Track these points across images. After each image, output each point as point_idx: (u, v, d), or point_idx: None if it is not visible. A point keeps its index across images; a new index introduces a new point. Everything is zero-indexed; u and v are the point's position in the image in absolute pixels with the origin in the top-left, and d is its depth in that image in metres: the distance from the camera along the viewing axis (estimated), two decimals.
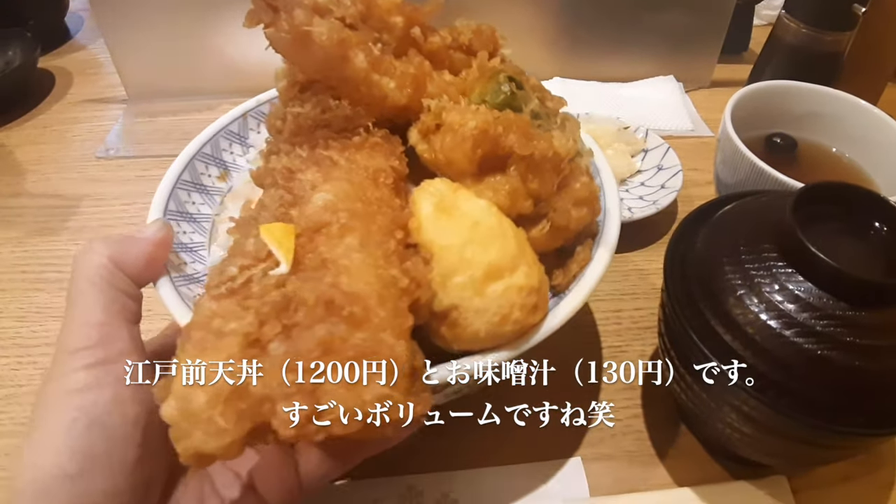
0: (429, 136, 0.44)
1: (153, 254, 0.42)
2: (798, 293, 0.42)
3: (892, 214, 0.44)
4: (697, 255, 0.48)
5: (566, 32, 0.91)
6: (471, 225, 0.38)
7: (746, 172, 0.61)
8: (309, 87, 0.45)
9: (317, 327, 0.31)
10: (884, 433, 0.41)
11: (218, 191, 0.53)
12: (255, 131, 0.57)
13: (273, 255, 0.34)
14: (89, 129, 0.93)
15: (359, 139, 0.44)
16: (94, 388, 0.34)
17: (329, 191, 0.38)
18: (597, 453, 0.54)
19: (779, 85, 0.69)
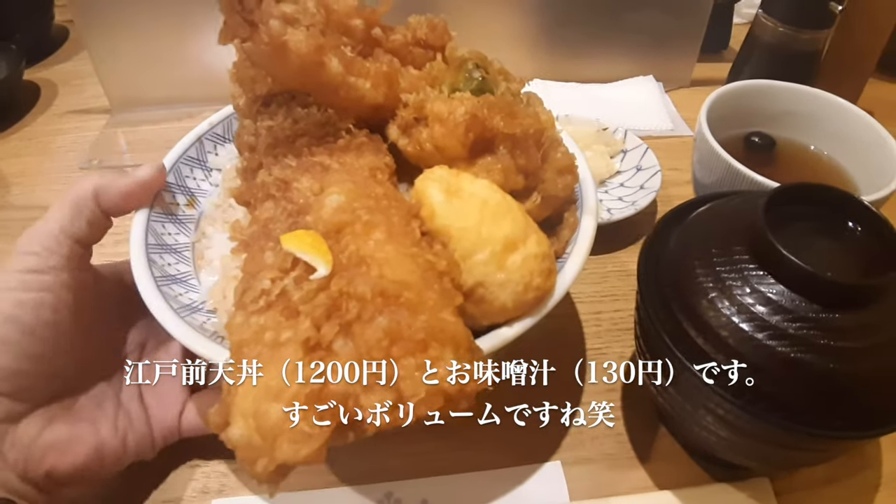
0: (409, 131, 0.45)
1: (131, 190, 0.46)
2: (770, 296, 0.41)
3: (866, 215, 0.43)
4: (670, 257, 0.47)
5: (545, 33, 0.90)
6: (480, 205, 0.39)
7: (722, 173, 0.59)
8: (272, 99, 0.45)
9: (379, 318, 0.31)
10: (861, 436, 0.40)
11: (189, 218, 0.52)
12: (213, 153, 0.55)
13: (300, 262, 0.35)
14: (73, 140, 0.92)
15: (343, 141, 0.44)
16: (20, 290, 0.41)
17: (338, 192, 0.39)
18: (576, 456, 0.53)
19: (756, 84, 0.68)
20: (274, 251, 0.36)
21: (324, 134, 0.45)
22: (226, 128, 0.56)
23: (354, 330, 0.32)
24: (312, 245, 0.35)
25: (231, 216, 0.49)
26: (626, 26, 0.89)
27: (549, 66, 0.92)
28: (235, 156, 0.52)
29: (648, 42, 0.91)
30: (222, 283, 0.45)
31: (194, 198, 0.52)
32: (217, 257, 0.48)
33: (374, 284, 0.33)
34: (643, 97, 0.89)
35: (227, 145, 0.56)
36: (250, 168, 0.45)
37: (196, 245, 0.50)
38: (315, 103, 0.45)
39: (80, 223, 0.44)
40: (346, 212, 0.37)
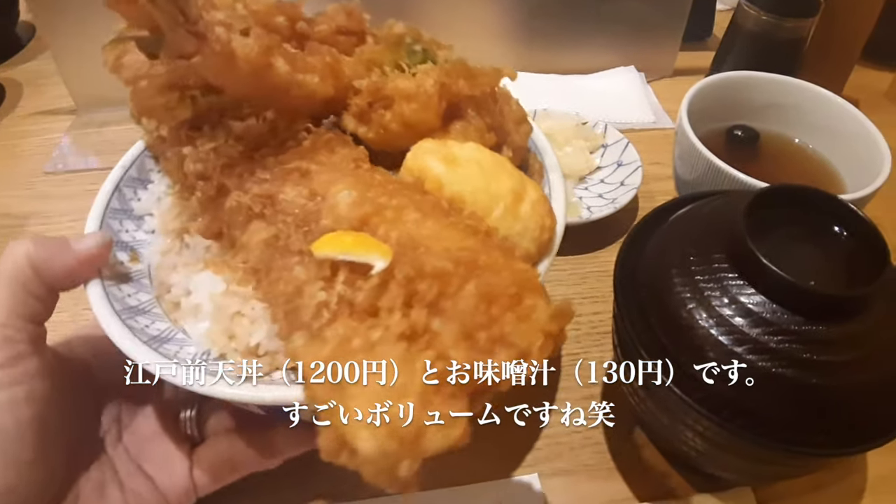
0: (366, 117, 0.44)
1: (76, 270, 0.41)
2: (750, 307, 0.38)
3: (853, 219, 0.40)
4: (647, 264, 0.44)
5: (522, 24, 0.86)
6: (478, 166, 0.40)
7: (704, 170, 0.57)
8: (200, 121, 0.42)
9: (467, 287, 0.31)
10: (845, 452, 0.38)
11: (139, 274, 0.46)
12: (135, 199, 0.49)
13: (339, 266, 0.34)
14: (39, 143, 0.88)
15: (308, 142, 0.43)
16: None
17: (346, 187, 0.38)
18: (554, 468, 0.51)
19: (739, 76, 0.65)
20: (303, 264, 0.35)
21: (282, 140, 0.43)
22: (139, 169, 0.50)
23: (444, 306, 0.31)
24: (356, 243, 0.34)
25: (189, 257, 0.45)
26: (607, 15, 0.86)
27: (528, 58, 0.89)
28: (159, 196, 0.49)
29: (629, 31, 0.88)
30: (220, 325, 0.41)
31: (135, 251, 0.47)
32: (204, 300, 0.42)
33: (448, 257, 0.32)
34: (624, 89, 0.87)
35: (149, 187, 0.50)
36: (208, 197, 0.42)
37: (163, 298, 0.45)
38: (252, 114, 0.42)
39: (30, 302, 0.38)
40: (365, 203, 0.37)
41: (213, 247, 0.44)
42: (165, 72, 0.44)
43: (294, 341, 0.32)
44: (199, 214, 0.43)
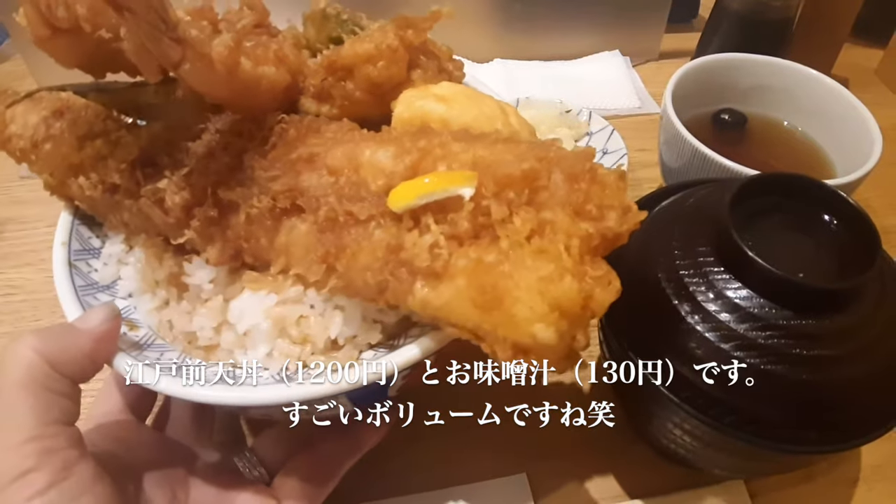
0: (326, 94, 0.44)
1: (95, 351, 0.36)
2: (737, 301, 0.37)
3: (843, 207, 0.39)
4: (631, 258, 0.42)
5: (503, 9, 0.84)
6: (464, 96, 0.43)
7: (690, 157, 0.55)
8: (148, 159, 0.41)
9: (554, 176, 0.34)
10: (837, 448, 0.37)
11: (148, 338, 0.42)
12: (94, 271, 0.45)
13: (416, 213, 0.35)
14: None
15: (293, 131, 0.41)
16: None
17: (374, 148, 0.38)
18: (544, 467, 0.51)
19: (724, 58, 0.64)
20: (382, 226, 0.35)
21: (264, 139, 0.41)
22: (79, 240, 0.46)
23: (542, 199, 0.34)
24: (438, 182, 0.35)
25: (199, 296, 0.42)
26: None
27: (510, 45, 0.87)
28: (118, 258, 0.45)
29: (613, 14, 0.86)
30: (286, 336, 0.40)
31: (128, 321, 0.43)
32: (257, 321, 0.39)
33: (524, 161, 0.34)
34: (609, 74, 0.85)
35: (100, 255, 0.46)
36: (208, 221, 0.39)
37: (192, 348, 0.42)
38: (202, 130, 0.40)
39: (57, 402, 0.34)
40: (405, 154, 0.37)
41: (220, 275, 0.41)
42: (70, 121, 0.43)
43: (418, 292, 0.33)
44: (204, 244, 0.40)
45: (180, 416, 0.47)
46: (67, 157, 0.43)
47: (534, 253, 0.31)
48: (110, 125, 0.44)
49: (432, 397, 0.54)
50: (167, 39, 0.33)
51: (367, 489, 0.50)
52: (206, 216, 0.39)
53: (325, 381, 0.35)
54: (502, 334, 0.31)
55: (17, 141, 0.45)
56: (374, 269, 0.34)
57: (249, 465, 0.45)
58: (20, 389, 0.33)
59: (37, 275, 0.69)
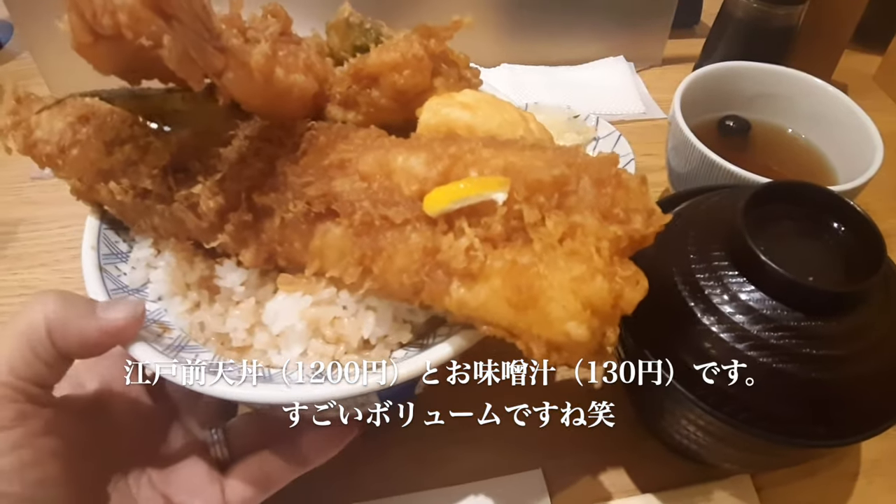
0: (352, 101, 0.45)
1: (97, 340, 0.37)
2: (750, 304, 0.39)
3: (848, 213, 0.41)
4: (647, 263, 0.44)
5: (510, 15, 0.86)
6: (486, 104, 0.44)
7: (697, 162, 0.58)
8: (179, 164, 0.41)
9: (583, 181, 0.36)
10: (845, 442, 0.39)
11: (181, 340, 0.43)
12: (123, 275, 0.46)
13: (450, 217, 0.36)
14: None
15: (323, 139, 0.42)
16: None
17: (405, 155, 0.39)
18: (558, 464, 0.53)
19: (730, 66, 0.66)
20: (417, 230, 0.37)
21: (294, 145, 0.42)
22: (107, 244, 0.47)
23: (570, 203, 0.36)
24: (472, 187, 0.36)
25: (231, 299, 0.43)
26: (595, 5, 0.86)
27: (517, 50, 0.89)
28: (147, 262, 0.46)
29: (618, 20, 0.88)
30: (320, 336, 0.41)
31: (160, 323, 0.44)
32: (292, 322, 0.40)
33: (554, 166, 0.36)
34: (614, 79, 0.87)
35: (128, 259, 0.47)
36: (242, 226, 0.40)
37: (226, 349, 0.43)
38: (233, 135, 0.41)
39: (35, 365, 0.36)
40: (437, 161, 0.38)
41: (252, 277, 0.42)
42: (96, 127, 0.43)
43: (455, 292, 0.35)
44: (238, 248, 0.41)
45: None
46: (96, 161, 0.44)
47: (566, 254, 0.33)
48: (137, 131, 0.44)
49: (444, 396, 0.57)
50: (211, 48, 0.35)
51: (380, 486, 0.52)
52: (241, 220, 0.40)
53: (362, 379, 0.37)
54: (536, 332, 0.33)
55: (42, 146, 0.45)
56: (411, 271, 0.36)
57: (218, 446, 0.46)
58: (13, 339, 0.35)
59: (51, 275, 0.70)
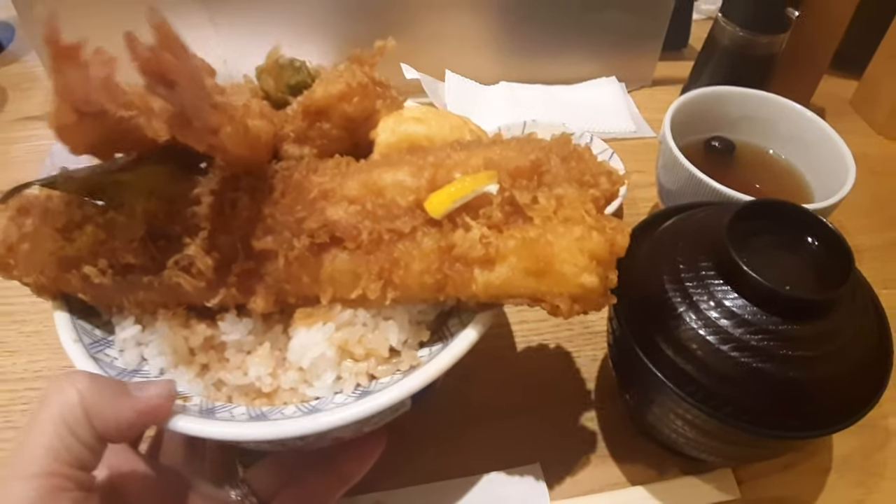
0: (305, 136, 0.47)
1: (133, 422, 0.37)
2: (733, 310, 0.44)
3: (821, 230, 0.47)
4: (640, 272, 0.50)
5: (508, 36, 0.91)
6: (434, 115, 0.49)
7: (685, 180, 0.63)
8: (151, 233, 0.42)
9: (553, 160, 0.43)
10: (817, 434, 0.44)
11: (205, 405, 0.43)
12: (116, 360, 0.45)
13: (453, 216, 0.41)
14: (28, 149, 0.89)
15: (297, 175, 0.44)
16: None
17: (392, 171, 0.43)
18: (554, 459, 0.56)
19: (716, 91, 0.72)
20: (428, 234, 0.41)
21: (269, 189, 0.43)
22: (88, 336, 0.45)
23: (547, 180, 0.42)
24: (467, 185, 0.41)
25: (240, 348, 0.44)
26: (590, 28, 0.91)
27: (515, 69, 0.94)
28: (137, 340, 0.45)
29: (611, 42, 0.94)
30: (350, 356, 0.43)
31: (179, 394, 0.43)
32: (322, 351, 0.42)
33: (527, 154, 0.42)
34: (607, 99, 0.92)
35: (113, 343, 0.46)
36: (245, 274, 0.41)
37: (256, 398, 0.44)
38: (197, 196, 0.41)
39: (76, 448, 0.35)
40: (421, 171, 0.42)
41: (257, 325, 0.44)
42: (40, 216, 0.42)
43: (479, 277, 0.40)
44: (245, 297, 0.42)
45: (173, 444, 0.49)
46: (57, 251, 0.42)
47: (562, 221, 0.40)
48: (90, 211, 0.42)
49: (450, 396, 0.60)
50: (208, 106, 0.36)
51: (383, 480, 0.54)
52: (243, 269, 0.41)
53: (405, 383, 0.39)
54: (558, 291, 0.39)
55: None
56: (431, 271, 0.40)
57: (243, 494, 0.46)
58: (49, 424, 0.35)
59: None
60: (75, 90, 0.34)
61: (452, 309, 0.47)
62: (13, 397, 0.61)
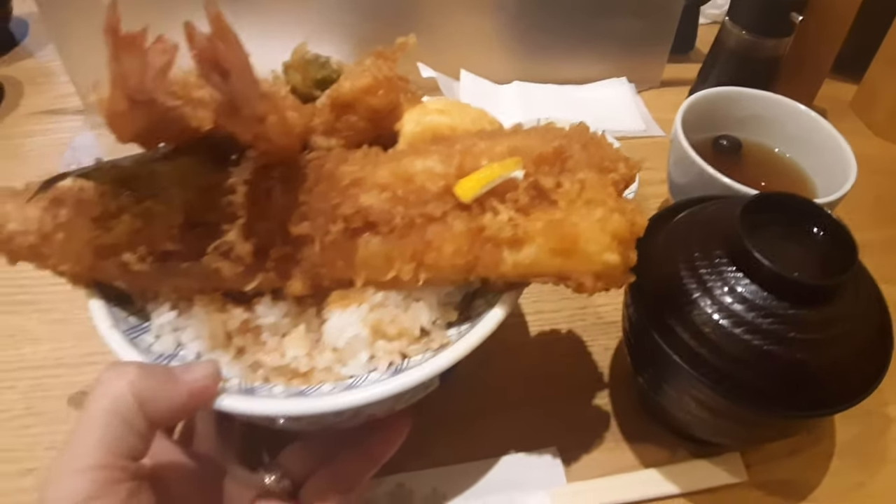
0: (332, 128, 0.50)
1: (186, 405, 0.38)
2: (746, 295, 0.47)
3: (826, 221, 0.50)
4: (656, 261, 0.53)
5: (523, 38, 0.94)
6: (454, 106, 0.52)
7: (696, 175, 0.66)
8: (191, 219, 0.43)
9: (574, 146, 0.46)
10: (822, 413, 0.47)
11: (244, 386, 0.44)
12: (154, 344, 0.46)
13: (483, 197, 0.43)
14: (45, 142, 0.91)
15: (330, 164, 0.46)
16: None
17: (425, 161, 0.45)
18: (571, 442, 0.59)
19: (724, 91, 0.75)
20: (458, 217, 0.43)
21: (302, 178, 0.44)
22: (125, 324, 0.46)
23: (570, 165, 0.45)
24: (495, 171, 0.43)
25: (276, 331, 0.46)
26: (601, 31, 0.95)
27: (529, 70, 0.97)
28: (174, 326, 0.46)
29: (621, 45, 0.97)
30: (383, 336, 0.45)
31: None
32: (356, 332, 0.44)
33: (549, 141, 0.46)
34: (618, 99, 0.95)
35: (149, 328, 0.47)
36: (283, 259, 0.43)
37: (293, 378, 0.46)
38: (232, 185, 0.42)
39: (129, 439, 0.36)
40: (451, 156, 0.45)
41: (291, 308, 0.46)
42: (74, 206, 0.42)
43: (509, 258, 0.43)
44: (282, 281, 0.44)
45: (205, 431, 0.50)
46: (95, 239, 0.43)
47: (585, 204, 0.42)
48: (124, 200, 0.42)
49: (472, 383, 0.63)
50: (255, 96, 0.38)
51: (406, 463, 0.56)
52: (282, 254, 0.43)
53: (436, 360, 0.42)
54: (583, 269, 0.42)
55: (21, 238, 0.44)
56: (463, 252, 0.43)
57: (277, 478, 0.48)
58: (101, 417, 0.35)
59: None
60: (131, 78, 0.36)
61: (477, 291, 0.49)
62: (34, 384, 0.63)
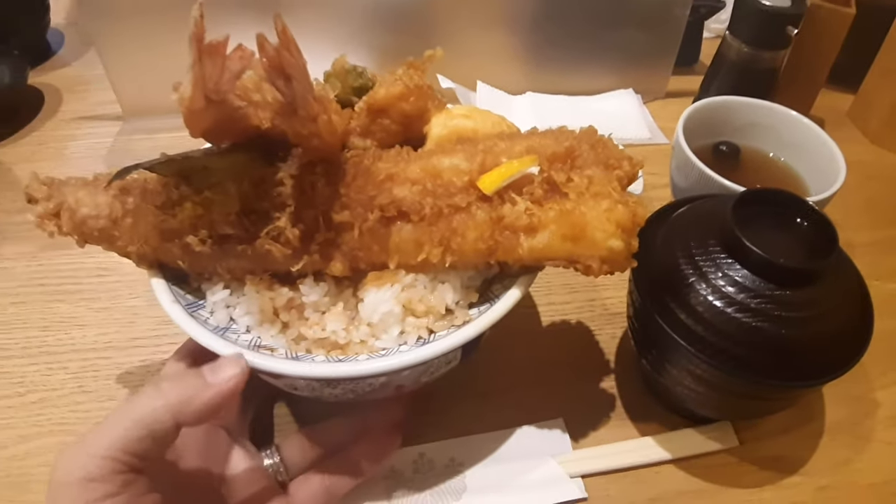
0: (368, 130, 0.56)
1: (217, 406, 0.43)
2: (737, 279, 0.53)
3: (810, 213, 0.56)
4: (657, 251, 0.59)
5: (535, 51, 1.01)
6: (477, 111, 0.57)
7: (696, 178, 0.72)
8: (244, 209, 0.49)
9: (583, 146, 0.52)
10: (806, 384, 0.53)
11: (293, 356, 0.50)
12: (210, 318, 0.52)
13: (503, 191, 0.49)
14: (87, 146, 0.97)
15: (368, 160, 0.51)
16: None
17: (452, 159, 0.51)
18: (577, 418, 0.65)
19: (723, 100, 0.81)
20: (481, 208, 0.49)
21: (342, 173, 0.50)
22: (184, 299, 0.52)
23: (580, 163, 0.51)
24: (514, 167, 0.49)
25: (318, 308, 0.52)
26: (610, 45, 1.01)
27: (541, 81, 1.04)
28: (227, 303, 0.52)
29: (628, 57, 1.03)
30: (412, 313, 0.51)
31: (265, 346, 0.51)
32: (390, 308, 0.50)
33: (562, 142, 0.51)
34: (625, 109, 1.02)
35: (200, 307, 0.53)
36: (327, 243, 0.49)
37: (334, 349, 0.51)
38: (280, 179, 0.49)
39: (145, 444, 0.40)
40: (474, 157, 0.50)
41: (331, 288, 0.52)
42: (140, 195, 0.49)
43: (525, 243, 0.48)
44: (325, 263, 0.50)
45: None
46: (160, 223, 0.49)
47: (593, 196, 0.48)
48: (185, 191, 0.48)
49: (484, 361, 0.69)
50: (311, 98, 0.43)
51: (426, 434, 0.61)
52: (325, 239, 0.49)
53: (461, 333, 0.48)
54: (590, 254, 0.47)
55: (93, 222, 0.50)
56: (484, 238, 0.49)
57: (276, 464, 0.52)
58: (129, 421, 0.40)
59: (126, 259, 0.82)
60: (210, 80, 0.41)
61: (495, 276, 0.56)
62: (84, 365, 0.70)
